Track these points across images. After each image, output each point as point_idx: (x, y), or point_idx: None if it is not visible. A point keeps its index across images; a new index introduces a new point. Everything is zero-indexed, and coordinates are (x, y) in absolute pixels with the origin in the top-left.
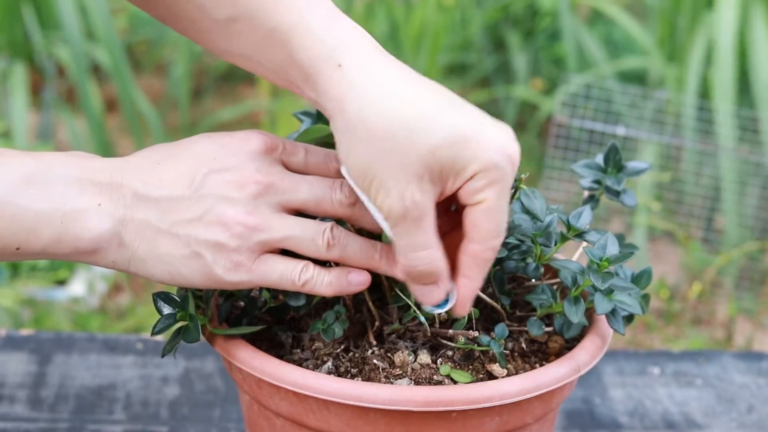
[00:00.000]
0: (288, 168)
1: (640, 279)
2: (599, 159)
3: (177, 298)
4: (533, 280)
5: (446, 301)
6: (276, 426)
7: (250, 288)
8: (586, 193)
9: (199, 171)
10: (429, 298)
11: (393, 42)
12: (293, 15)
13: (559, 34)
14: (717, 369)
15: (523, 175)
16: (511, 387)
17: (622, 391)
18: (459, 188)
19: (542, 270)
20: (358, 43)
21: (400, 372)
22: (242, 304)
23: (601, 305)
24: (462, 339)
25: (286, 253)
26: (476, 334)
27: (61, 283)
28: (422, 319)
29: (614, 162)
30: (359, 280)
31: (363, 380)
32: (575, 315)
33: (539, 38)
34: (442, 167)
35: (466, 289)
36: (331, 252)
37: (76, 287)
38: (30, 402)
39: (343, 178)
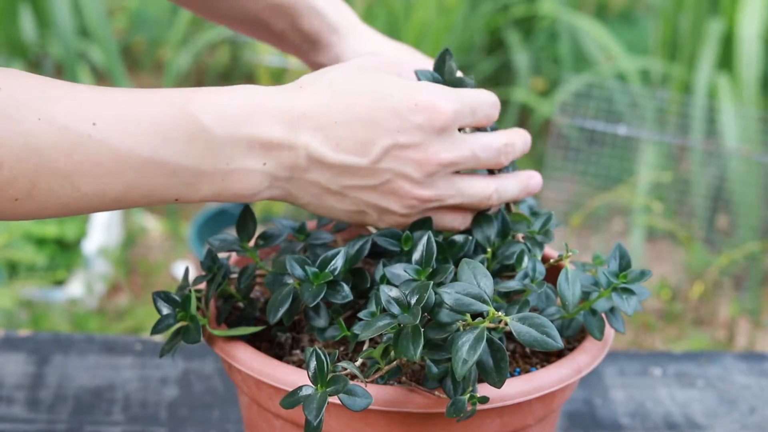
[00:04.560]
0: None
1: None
2: None
3: (177, 298)
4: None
5: None
6: (275, 427)
7: None
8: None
9: (380, 143)
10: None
11: None
12: None
13: (559, 33)
14: (719, 370)
15: (570, 252)
16: (512, 388)
17: (623, 392)
18: None
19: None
20: (348, 15)
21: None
22: (241, 305)
23: (600, 305)
24: None
25: None
26: None
27: (60, 283)
28: None
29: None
30: None
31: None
32: (598, 331)
33: (540, 37)
34: None
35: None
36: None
37: (75, 288)
38: (28, 403)
39: None
